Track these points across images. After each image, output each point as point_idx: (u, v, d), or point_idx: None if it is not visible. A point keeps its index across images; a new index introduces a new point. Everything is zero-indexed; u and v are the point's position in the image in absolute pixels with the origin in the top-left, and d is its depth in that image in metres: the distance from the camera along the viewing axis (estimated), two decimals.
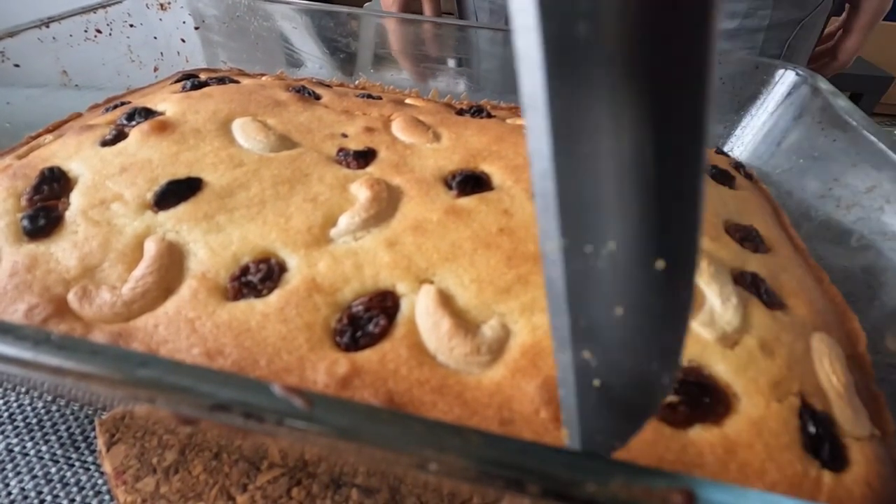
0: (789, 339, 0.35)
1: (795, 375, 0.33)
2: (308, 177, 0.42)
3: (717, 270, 0.37)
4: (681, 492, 0.19)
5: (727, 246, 0.41)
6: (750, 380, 0.32)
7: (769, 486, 0.29)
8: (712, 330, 0.34)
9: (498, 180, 0.44)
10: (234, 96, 0.51)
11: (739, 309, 0.35)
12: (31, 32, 0.57)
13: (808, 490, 0.29)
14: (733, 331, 0.34)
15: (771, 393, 0.32)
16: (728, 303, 0.35)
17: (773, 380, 0.32)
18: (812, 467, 0.29)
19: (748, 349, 0.34)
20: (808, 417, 0.31)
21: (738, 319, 0.35)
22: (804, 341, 0.35)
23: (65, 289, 0.34)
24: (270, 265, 0.36)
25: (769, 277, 0.40)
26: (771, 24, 0.83)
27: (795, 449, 0.30)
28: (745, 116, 0.68)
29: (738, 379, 0.32)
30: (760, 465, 0.29)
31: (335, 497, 0.36)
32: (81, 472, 0.39)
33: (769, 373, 0.33)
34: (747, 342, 0.34)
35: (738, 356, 0.33)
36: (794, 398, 0.32)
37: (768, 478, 0.29)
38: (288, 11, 0.76)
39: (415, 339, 0.33)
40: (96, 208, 0.38)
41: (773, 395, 0.31)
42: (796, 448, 0.30)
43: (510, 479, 0.20)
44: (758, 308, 0.36)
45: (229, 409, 0.21)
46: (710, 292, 0.36)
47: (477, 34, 0.78)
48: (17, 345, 0.23)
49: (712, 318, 0.34)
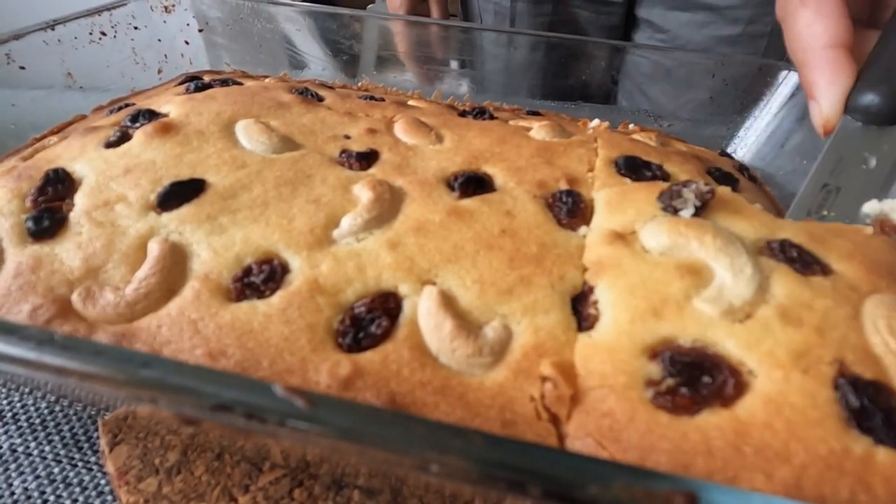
0: (826, 304, 0.32)
1: (830, 342, 0.30)
2: (311, 178, 0.42)
3: (726, 242, 0.35)
4: (683, 494, 0.19)
5: (752, 217, 0.39)
6: (765, 353, 0.30)
7: (798, 469, 0.26)
8: (716, 305, 0.32)
9: (500, 182, 0.44)
10: (238, 98, 0.51)
11: (755, 279, 0.33)
12: (36, 35, 0.57)
13: (852, 470, 0.26)
14: (743, 303, 0.32)
15: (793, 364, 0.29)
16: (741, 274, 0.33)
17: (796, 350, 0.30)
18: (857, 444, 0.26)
19: (763, 321, 0.31)
20: (848, 387, 0.28)
21: (751, 291, 0.32)
22: (850, 306, 0.32)
23: (69, 289, 0.35)
24: (273, 266, 0.36)
25: (811, 242, 0.37)
26: (774, 29, 0.82)
27: (830, 425, 0.27)
28: (748, 118, 0.68)
29: (750, 354, 0.30)
30: (783, 447, 0.26)
31: (337, 498, 0.36)
32: (84, 473, 0.39)
33: (790, 343, 0.30)
34: (762, 313, 0.32)
35: (749, 329, 0.31)
36: (826, 367, 0.29)
37: (796, 460, 0.26)
38: (291, 14, 0.77)
39: (417, 340, 0.33)
40: (100, 209, 0.39)
41: (797, 367, 0.29)
42: (831, 423, 0.27)
43: (512, 481, 0.20)
44: (784, 275, 0.34)
45: (231, 410, 0.21)
46: (719, 266, 0.34)
47: (481, 36, 0.78)
48: (21, 345, 0.23)
49: (720, 294, 0.33)
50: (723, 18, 0.85)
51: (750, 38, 0.84)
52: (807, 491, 0.25)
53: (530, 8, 0.95)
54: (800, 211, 0.43)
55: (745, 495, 0.20)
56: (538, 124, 0.53)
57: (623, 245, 0.37)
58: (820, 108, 0.44)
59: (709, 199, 0.39)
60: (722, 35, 0.85)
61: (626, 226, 0.38)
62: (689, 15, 0.87)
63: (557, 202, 0.42)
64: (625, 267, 0.35)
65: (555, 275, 0.36)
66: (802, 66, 0.45)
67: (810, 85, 0.44)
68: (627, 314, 0.32)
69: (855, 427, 0.27)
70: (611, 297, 0.34)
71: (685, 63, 0.73)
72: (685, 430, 0.28)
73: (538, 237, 0.38)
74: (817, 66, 0.44)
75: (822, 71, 0.44)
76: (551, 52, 0.75)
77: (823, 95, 0.43)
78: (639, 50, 0.78)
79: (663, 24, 0.90)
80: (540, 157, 0.47)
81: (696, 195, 0.39)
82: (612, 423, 0.28)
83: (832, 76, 0.43)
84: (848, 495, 0.25)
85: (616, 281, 0.34)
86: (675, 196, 0.39)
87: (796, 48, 0.46)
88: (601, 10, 0.95)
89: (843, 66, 0.43)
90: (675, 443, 0.27)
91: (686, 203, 0.38)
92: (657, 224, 0.37)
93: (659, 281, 0.34)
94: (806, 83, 0.45)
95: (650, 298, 0.33)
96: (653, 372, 0.30)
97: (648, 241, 0.37)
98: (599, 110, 0.76)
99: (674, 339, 0.31)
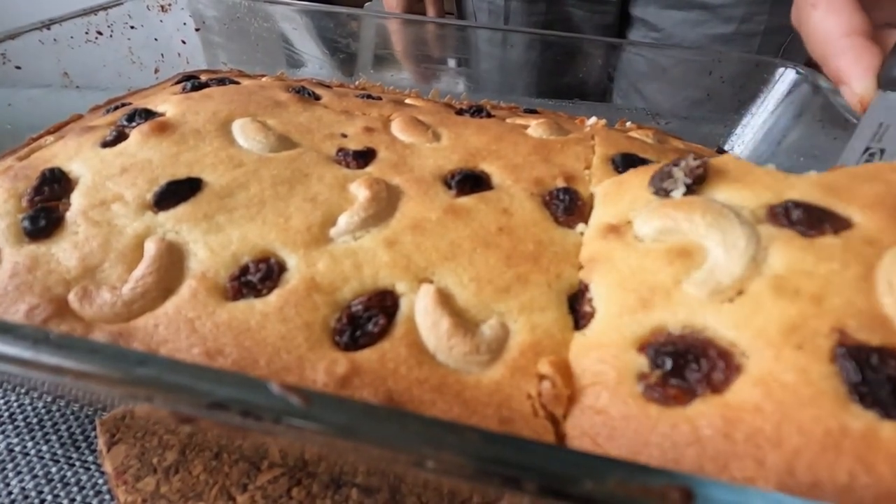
0: (830, 268, 0.29)
1: (829, 311, 0.27)
2: (307, 177, 0.42)
3: (716, 217, 0.33)
4: (678, 489, 0.19)
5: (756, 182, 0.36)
6: (757, 331, 0.28)
7: (790, 453, 0.24)
8: (704, 286, 0.30)
9: (497, 179, 0.44)
10: (234, 97, 0.51)
11: (748, 251, 0.30)
12: (32, 34, 0.57)
13: (851, 450, 0.23)
14: (734, 280, 0.30)
15: (784, 340, 0.27)
16: (734, 250, 0.31)
17: (788, 324, 0.27)
18: (858, 420, 0.24)
19: (754, 296, 0.29)
20: (848, 359, 0.25)
21: (742, 266, 0.30)
22: (862, 265, 0.29)
23: (65, 289, 0.35)
24: (270, 265, 0.36)
25: (827, 195, 0.33)
26: (767, 28, 0.82)
27: (825, 402, 0.24)
28: (745, 115, 0.68)
29: (741, 334, 0.28)
30: (774, 431, 0.25)
31: (335, 496, 0.37)
32: (82, 472, 0.39)
33: (782, 317, 0.28)
34: (754, 288, 0.29)
35: (738, 308, 0.29)
36: (823, 340, 0.26)
37: (788, 444, 0.24)
38: (288, 12, 0.77)
39: (414, 338, 0.33)
40: (97, 209, 0.39)
41: (788, 343, 0.27)
42: (826, 401, 0.25)
43: (507, 477, 0.20)
44: (786, 242, 0.31)
45: (227, 408, 0.21)
46: (712, 243, 0.32)
47: (476, 36, 0.78)
48: (17, 344, 0.23)
49: (711, 274, 0.31)
50: (716, 17, 0.85)
51: (744, 37, 0.84)
52: (800, 476, 0.24)
53: (524, 7, 0.95)
54: None
55: (741, 490, 0.20)
56: (535, 122, 0.53)
57: (616, 237, 0.36)
58: (852, 89, 0.43)
59: (700, 174, 0.36)
60: (716, 33, 0.86)
61: (621, 216, 0.38)
62: (683, 14, 0.87)
63: (554, 200, 0.42)
64: (615, 260, 0.34)
65: (552, 273, 0.36)
66: (824, 60, 0.45)
67: (837, 73, 0.44)
68: (616, 308, 0.32)
69: (857, 401, 0.24)
70: (603, 293, 0.33)
71: (682, 61, 0.73)
72: (676, 422, 0.26)
73: (535, 235, 0.38)
74: (839, 55, 0.44)
75: (844, 57, 0.43)
76: (547, 51, 0.75)
77: (852, 76, 0.43)
78: (635, 48, 0.78)
79: (657, 22, 0.90)
80: (537, 154, 0.47)
81: (686, 172, 0.36)
82: (606, 421, 0.28)
83: (855, 58, 0.43)
84: (846, 478, 0.23)
85: (607, 276, 0.34)
86: (664, 177, 0.37)
87: (814, 46, 0.46)
88: (595, 8, 0.95)
89: (866, 48, 0.43)
90: (667, 435, 0.26)
91: (676, 183, 0.36)
92: (649, 210, 0.36)
93: (648, 269, 0.33)
94: (832, 74, 0.45)
95: (639, 289, 0.32)
96: (643, 365, 0.29)
97: (641, 229, 0.35)
98: (596, 108, 0.76)
99: (663, 328, 0.30)
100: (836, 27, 0.44)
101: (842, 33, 0.43)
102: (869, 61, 0.42)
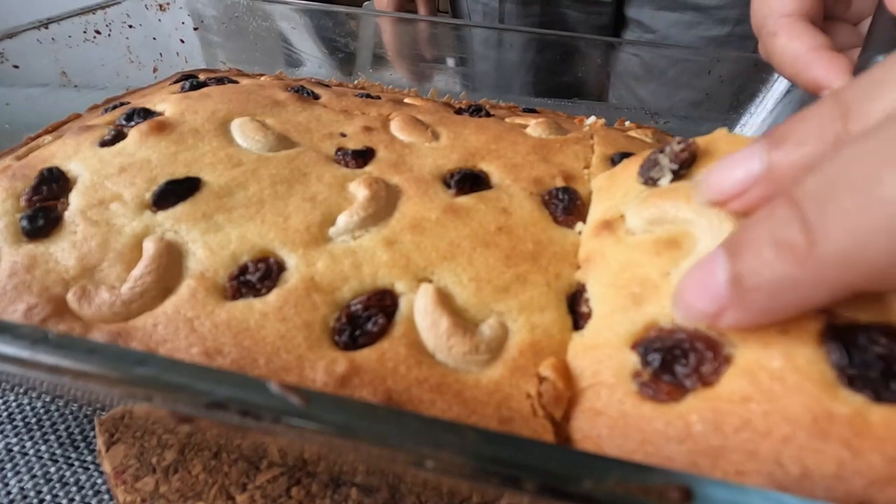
0: None
1: None
2: (306, 176, 0.42)
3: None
4: (677, 488, 0.19)
5: None
6: None
7: (778, 443, 0.23)
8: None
9: (496, 179, 0.44)
10: (233, 96, 0.51)
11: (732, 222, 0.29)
12: (30, 33, 0.57)
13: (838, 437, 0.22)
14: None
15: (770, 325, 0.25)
16: (721, 233, 0.29)
17: None
18: (844, 405, 0.22)
19: None
20: (833, 340, 0.24)
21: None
22: None
23: (64, 289, 0.34)
24: (269, 264, 0.36)
25: None
26: None
27: (810, 388, 0.23)
28: (744, 115, 0.68)
29: None
30: (762, 421, 0.24)
31: (335, 496, 0.37)
32: (81, 472, 0.39)
33: None
34: None
35: None
36: (811, 322, 0.25)
37: (777, 433, 0.23)
38: (287, 11, 0.77)
39: (413, 337, 0.33)
40: (95, 208, 0.39)
41: (774, 327, 0.25)
42: (812, 386, 0.23)
43: (507, 476, 0.20)
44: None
45: (226, 407, 0.21)
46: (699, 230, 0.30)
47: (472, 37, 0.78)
48: (15, 343, 0.23)
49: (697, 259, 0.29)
50: (711, 19, 0.85)
51: (738, 39, 0.84)
52: (789, 467, 0.22)
53: (519, 9, 0.95)
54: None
55: (741, 489, 0.20)
56: (534, 121, 0.53)
57: (608, 233, 0.36)
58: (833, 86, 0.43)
59: (686, 158, 0.35)
60: (710, 35, 0.86)
61: (614, 210, 0.37)
62: (678, 15, 0.87)
63: (554, 199, 0.42)
64: (607, 257, 0.34)
65: (551, 273, 0.36)
66: (797, 77, 0.46)
67: (814, 81, 0.44)
68: (609, 307, 0.31)
69: (846, 385, 0.23)
70: (597, 292, 0.33)
71: (680, 60, 0.73)
72: (669, 419, 0.26)
73: (534, 234, 0.38)
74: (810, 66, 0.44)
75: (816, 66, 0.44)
76: (544, 51, 0.75)
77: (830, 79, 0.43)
78: (633, 47, 0.78)
79: (652, 24, 0.91)
80: (536, 154, 0.47)
81: (671, 158, 0.35)
82: (604, 422, 0.28)
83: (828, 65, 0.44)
84: (835, 467, 0.22)
85: (601, 274, 0.34)
86: (651, 166, 0.36)
87: (785, 68, 0.47)
88: (590, 10, 0.95)
89: (835, 56, 0.44)
90: (661, 433, 0.26)
91: (663, 171, 0.35)
92: (638, 201, 0.35)
93: (637, 263, 0.32)
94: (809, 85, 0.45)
95: (629, 285, 0.31)
96: (636, 363, 0.29)
97: (632, 222, 0.34)
98: (595, 107, 0.77)
99: (654, 323, 0.29)
100: (802, 46, 0.45)
101: (808, 49, 0.45)
102: (841, 64, 0.43)
